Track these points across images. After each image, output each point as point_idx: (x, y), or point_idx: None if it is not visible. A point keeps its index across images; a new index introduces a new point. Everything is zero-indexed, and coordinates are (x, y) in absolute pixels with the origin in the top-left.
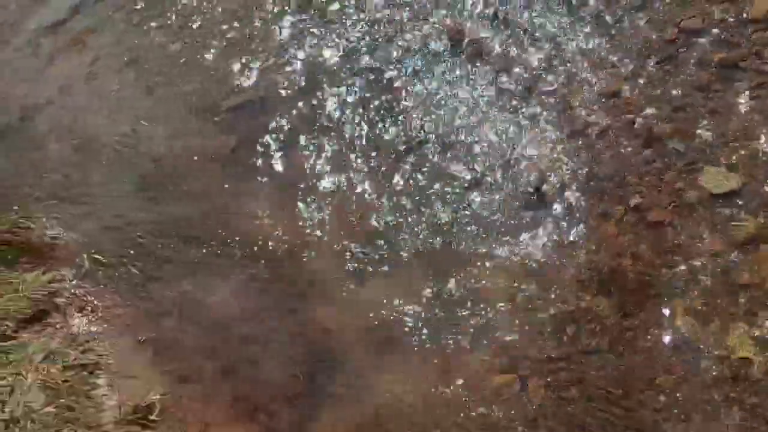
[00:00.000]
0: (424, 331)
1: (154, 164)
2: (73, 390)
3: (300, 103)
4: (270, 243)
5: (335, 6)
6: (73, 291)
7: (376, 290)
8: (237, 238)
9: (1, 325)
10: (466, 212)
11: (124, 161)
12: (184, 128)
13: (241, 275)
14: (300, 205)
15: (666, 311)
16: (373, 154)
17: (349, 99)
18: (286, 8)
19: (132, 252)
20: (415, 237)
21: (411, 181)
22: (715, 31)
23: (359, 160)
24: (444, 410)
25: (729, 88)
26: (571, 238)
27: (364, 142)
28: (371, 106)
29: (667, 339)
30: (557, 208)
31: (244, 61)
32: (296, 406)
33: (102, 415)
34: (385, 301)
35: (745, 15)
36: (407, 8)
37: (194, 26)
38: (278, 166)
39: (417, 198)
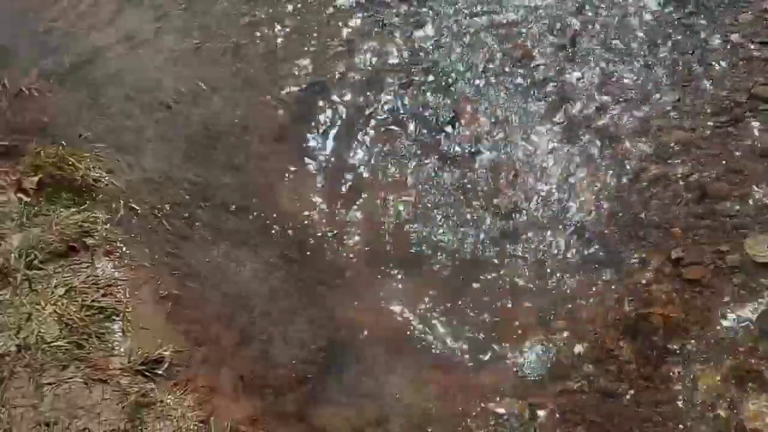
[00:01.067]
0: (446, 342)
1: (207, 129)
2: (87, 330)
3: (360, 96)
4: (308, 227)
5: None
6: (104, 234)
7: (405, 292)
8: (276, 216)
9: (30, 255)
10: (503, 233)
11: (177, 120)
12: (242, 99)
13: (274, 253)
14: (342, 195)
15: (687, 369)
16: (423, 158)
17: (408, 99)
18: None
19: (169, 209)
20: (451, 249)
21: (454, 193)
22: None
23: (408, 162)
24: (447, 423)
25: None
26: (606, 279)
27: (415, 144)
28: (428, 109)
29: (683, 397)
30: (597, 246)
31: (312, 44)
32: (304, 391)
33: (111, 360)
34: (412, 304)
35: None
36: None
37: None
38: (327, 154)
39: (457, 210)
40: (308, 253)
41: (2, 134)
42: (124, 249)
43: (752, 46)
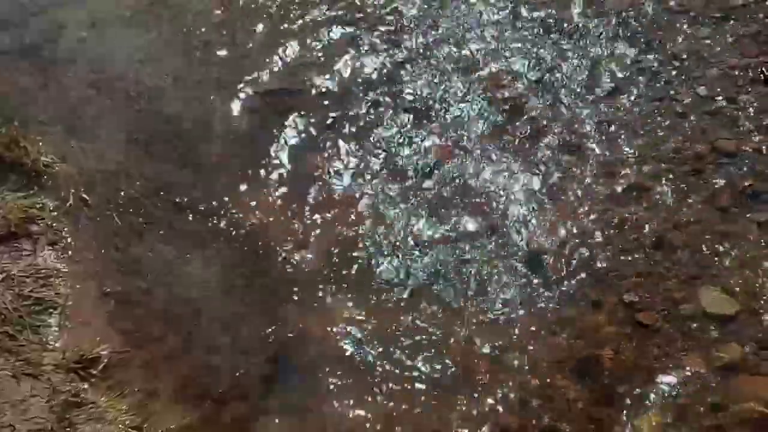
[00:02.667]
0: (396, 364)
1: (169, 124)
2: (22, 321)
3: (329, 107)
4: (263, 234)
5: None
6: (50, 223)
7: (359, 310)
8: (233, 221)
9: None
10: (461, 259)
11: (139, 111)
12: (208, 97)
13: (226, 257)
14: (301, 206)
15: (634, 413)
16: (385, 174)
17: (376, 115)
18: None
19: (121, 202)
20: (404, 271)
21: (413, 214)
22: (747, 158)
23: (371, 177)
24: None
25: (747, 215)
26: (558, 316)
27: (380, 161)
28: (396, 127)
29: None
30: (552, 282)
31: (288, 49)
32: (245, 404)
33: (44, 355)
34: (363, 323)
35: None
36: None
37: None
38: (290, 161)
39: (415, 232)
40: (263, 261)
41: None
42: (69, 240)
43: (718, 101)
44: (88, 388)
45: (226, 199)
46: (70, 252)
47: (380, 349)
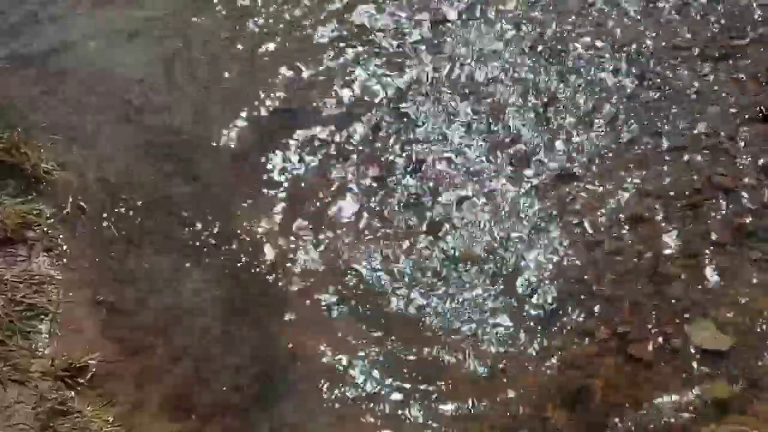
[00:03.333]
0: (384, 385)
1: (170, 136)
2: (12, 327)
3: (332, 128)
4: (260, 250)
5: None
6: (46, 230)
7: (352, 332)
8: (229, 235)
9: None
10: (453, 285)
11: (140, 122)
12: (210, 112)
13: (222, 271)
14: (300, 224)
15: None
16: (385, 197)
17: (378, 138)
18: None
19: (118, 212)
20: (399, 299)
21: (410, 244)
22: (744, 195)
23: (371, 199)
24: None
25: (742, 252)
26: (550, 345)
27: (380, 183)
28: (396, 150)
29: None
30: (545, 311)
31: (293, 69)
32: (234, 418)
33: (32, 361)
34: (357, 343)
35: None
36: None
37: (255, 21)
38: (290, 180)
39: (410, 262)
40: (258, 277)
41: None
42: (64, 247)
43: (716, 138)
44: (75, 396)
45: (225, 214)
46: (65, 259)
47: (373, 370)
